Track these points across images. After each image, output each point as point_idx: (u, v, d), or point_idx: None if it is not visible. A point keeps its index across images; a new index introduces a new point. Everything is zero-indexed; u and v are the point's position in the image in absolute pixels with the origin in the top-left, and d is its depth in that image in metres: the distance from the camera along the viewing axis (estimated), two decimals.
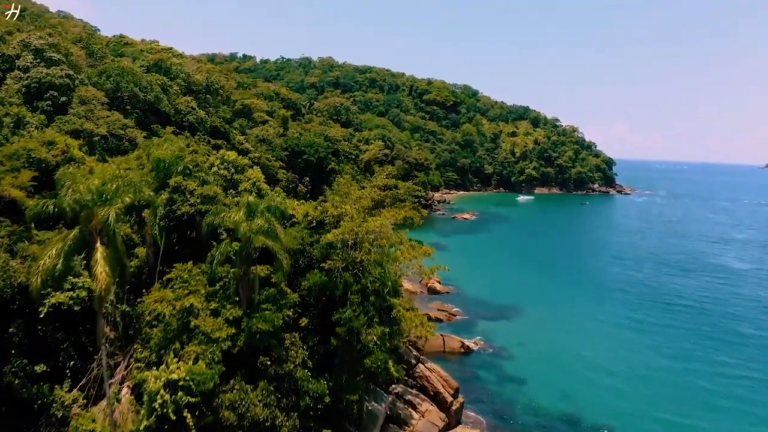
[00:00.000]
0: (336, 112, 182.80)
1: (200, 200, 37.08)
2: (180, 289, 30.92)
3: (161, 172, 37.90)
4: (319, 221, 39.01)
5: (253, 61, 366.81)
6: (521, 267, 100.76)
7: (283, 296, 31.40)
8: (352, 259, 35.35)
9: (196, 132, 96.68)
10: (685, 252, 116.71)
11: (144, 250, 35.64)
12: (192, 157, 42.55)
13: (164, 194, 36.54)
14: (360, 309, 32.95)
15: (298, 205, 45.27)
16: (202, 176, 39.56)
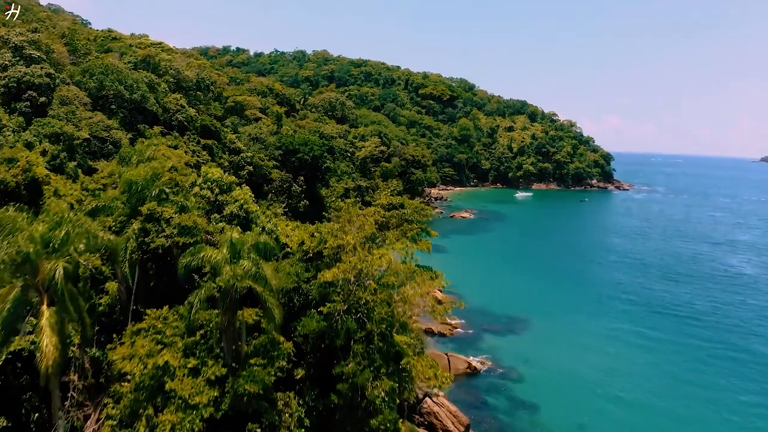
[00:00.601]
0: (331, 107, 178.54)
1: (177, 231, 32.27)
2: (153, 343, 26.58)
3: (133, 197, 33.22)
4: (316, 252, 34.80)
5: (246, 54, 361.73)
6: (523, 272, 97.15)
7: (275, 346, 27.17)
8: (355, 300, 30.73)
9: (186, 131, 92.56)
10: (692, 257, 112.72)
11: (115, 285, 31.28)
12: (171, 176, 38.19)
13: (136, 223, 31.92)
14: (365, 361, 28.50)
15: (292, 230, 40.99)
16: (180, 201, 34.36)
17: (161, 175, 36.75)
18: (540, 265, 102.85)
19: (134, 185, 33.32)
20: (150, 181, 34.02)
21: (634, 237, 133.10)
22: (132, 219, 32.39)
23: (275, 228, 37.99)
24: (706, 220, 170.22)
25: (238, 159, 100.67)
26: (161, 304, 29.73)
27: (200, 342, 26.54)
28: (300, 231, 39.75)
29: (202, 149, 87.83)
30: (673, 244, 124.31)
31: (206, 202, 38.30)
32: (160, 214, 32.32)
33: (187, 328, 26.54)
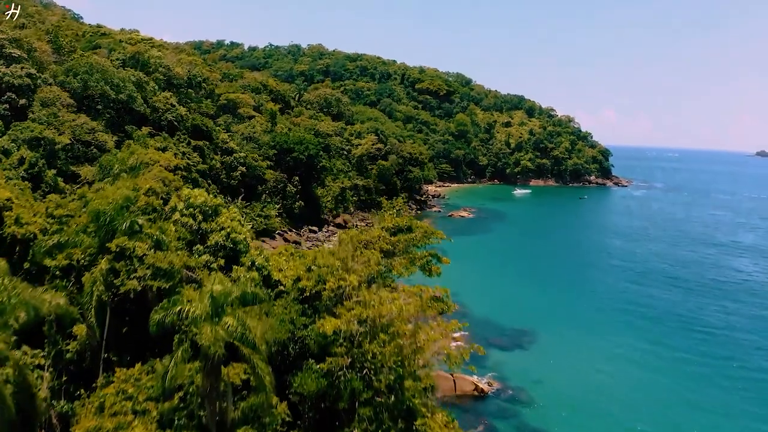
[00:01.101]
0: (327, 104, 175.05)
1: (151, 273, 27.57)
2: (122, 412, 22.82)
3: (102, 229, 28.76)
4: (314, 292, 30.75)
5: (240, 48, 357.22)
6: (525, 277, 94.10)
7: (268, 410, 23.58)
8: (360, 353, 26.46)
9: (176, 132, 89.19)
10: (697, 261, 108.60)
11: (84, 328, 27.32)
12: (147, 200, 34.43)
13: (103, 262, 27.44)
14: (372, 426, 24.62)
15: (286, 261, 37.29)
16: (156, 235, 29.43)
17: (137, 198, 33.01)
18: (542, 269, 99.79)
19: (102, 216, 28.66)
20: (121, 210, 29.65)
21: (636, 239, 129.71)
22: (101, 254, 28.07)
23: (266, 264, 34.30)
24: (707, 219, 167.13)
25: (231, 159, 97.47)
26: (136, 353, 26.05)
27: (179, 407, 23.03)
28: (295, 263, 35.89)
29: (192, 151, 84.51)
30: (676, 247, 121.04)
31: (188, 231, 33.82)
32: (132, 250, 27.91)
33: (163, 393, 22.97)
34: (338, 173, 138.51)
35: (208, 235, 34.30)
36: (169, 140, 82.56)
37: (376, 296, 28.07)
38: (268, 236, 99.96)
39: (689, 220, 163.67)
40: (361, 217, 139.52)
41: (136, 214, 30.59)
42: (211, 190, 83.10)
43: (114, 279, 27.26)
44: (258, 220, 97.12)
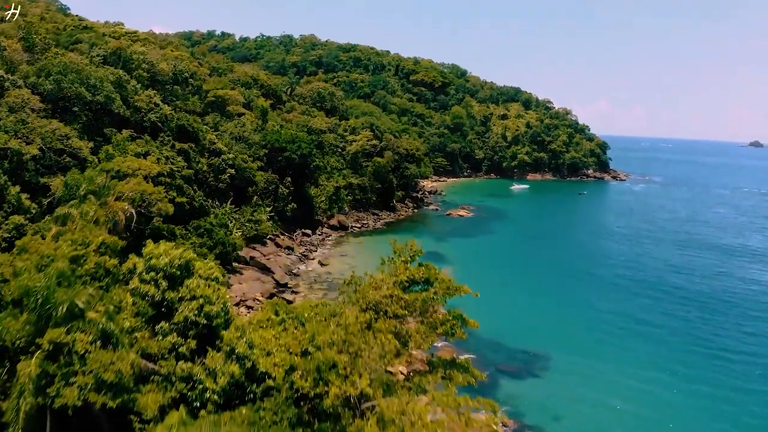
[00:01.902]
0: (320, 98, 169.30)
1: (94, 384, 20.65)
2: None
3: (33, 312, 21.40)
4: (315, 393, 24.01)
5: (231, 39, 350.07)
6: (531, 288, 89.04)
7: None
8: None
9: (160, 133, 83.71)
10: (710, 270, 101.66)
11: None
12: (98, 260, 26.75)
13: (32, 364, 20.39)
14: None
15: (275, 337, 28.14)
16: (102, 323, 21.77)
17: (85, 257, 26.20)
18: (548, 278, 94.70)
19: (33, 296, 21.36)
20: (56, 285, 21.97)
21: (641, 242, 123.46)
22: (33, 345, 21.05)
23: (249, 352, 26.13)
24: (711, 218, 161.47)
25: (219, 161, 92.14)
26: None
27: None
28: (287, 339, 28.25)
29: (177, 154, 79.05)
30: (684, 252, 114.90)
31: (149, 303, 25.96)
32: (70, 345, 21.15)
33: None
34: (332, 171, 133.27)
35: (176, 306, 26.46)
36: (151, 144, 77.09)
37: (401, 412, 22.03)
38: (258, 242, 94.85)
39: (693, 219, 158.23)
40: (356, 217, 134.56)
41: (83, 281, 24.05)
42: (197, 197, 77.89)
43: (48, 387, 20.44)
44: (248, 226, 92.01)
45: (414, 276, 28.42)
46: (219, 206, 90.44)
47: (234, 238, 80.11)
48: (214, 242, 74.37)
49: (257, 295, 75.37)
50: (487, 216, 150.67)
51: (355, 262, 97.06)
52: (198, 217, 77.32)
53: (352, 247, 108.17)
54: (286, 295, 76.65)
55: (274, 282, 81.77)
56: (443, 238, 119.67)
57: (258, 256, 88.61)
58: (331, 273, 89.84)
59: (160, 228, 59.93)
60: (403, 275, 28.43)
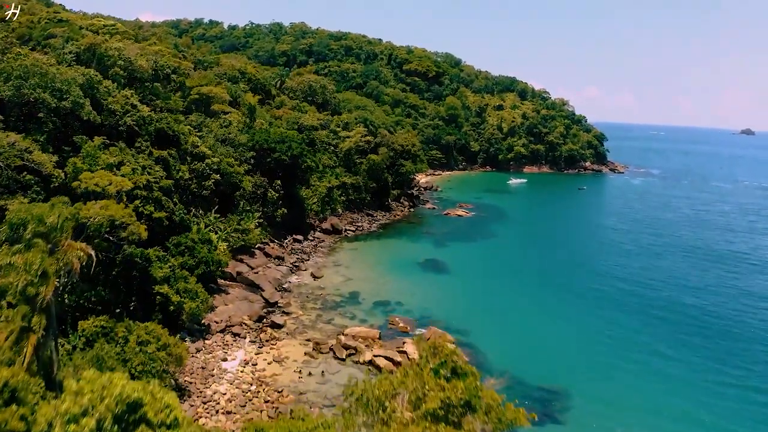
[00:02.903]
0: (311, 91, 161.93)
1: None
2: None
3: None
4: None
5: (220, 27, 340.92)
6: (542, 306, 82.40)
7: None
8: None
9: (137, 138, 76.55)
10: (728, 287, 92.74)
11: None
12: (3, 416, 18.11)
13: None
14: None
15: None
16: None
17: None
18: (556, 293, 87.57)
19: None
20: None
21: (652, 252, 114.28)
22: None
23: None
24: (719, 221, 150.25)
25: (202, 167, 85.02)
26: None
27: None
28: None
29: (155, 163, 71.98)
30: (696, 263, 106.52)
31: None
32: None
33: None
34: (324, 170, 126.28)
35: None
36: (126, 151, 69.96)
37: None
38: (246, 253, 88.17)
39: (699, 221, 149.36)
40: (349, 219, 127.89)
41: None
42: (177, 211, 70.93)
43: None
44: (234, 237, 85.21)
45: (450, 399, 19.39)
46: (203, 215, 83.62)
47: (219, 254, 73.32)
48: (196, 261, 67.66)
49: (244, 318, 68.87)
50: (487, 216, 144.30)
51: (350, 273, 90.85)
52: (179, 233, 70.53)
53: (346, 255, 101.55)
54: (276, 317, 70.11)
55: (263, 301, 75.14)
56: (442, 243, 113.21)
57: (245, 270, 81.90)
58: (324, 287, 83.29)
59: (133, 254, 53.12)
60: (435, 398, 19.26)
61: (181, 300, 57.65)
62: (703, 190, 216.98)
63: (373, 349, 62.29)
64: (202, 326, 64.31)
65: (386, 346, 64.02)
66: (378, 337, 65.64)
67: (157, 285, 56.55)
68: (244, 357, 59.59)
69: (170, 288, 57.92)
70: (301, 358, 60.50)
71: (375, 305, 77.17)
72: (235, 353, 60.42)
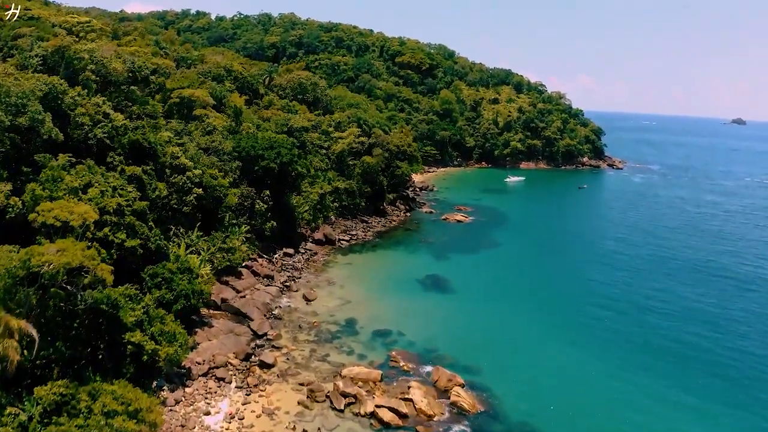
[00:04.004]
0: (301, 89, 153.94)
1: None
2: None
3: None
4: None
5: (207, 18, 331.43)
6: (555, 327, 75.90)
7: None
8: None
9: (109, 153, 68.90)
10: (753, 314, 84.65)
11: None
12: None
13: None
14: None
15: None
16: None
17: None
18: (569, 313, 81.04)
19: None
20: None
21: (666, 270, 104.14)
22: None
23: None
24: (727, 228, 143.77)
25: (183, 180, 77.37)
26: None
27: None
28: None
29: (128, 182, 64.37)
30: (713, 284, 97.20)
31: None
32: None
33: None
34: (316, 174, 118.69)
35: None
36: (95, 170, 62.36)
37: None
38: (232, 274, 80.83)
39: (708, 231, 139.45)
40: (343, 226, 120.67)
41: None
42: (153, 237, 63.36)
43: None
44: (219, 257, 77.84)
45: None
46: (184, 234, 76.11)
47: (201, 282, 65.85)
48: (175, 295, 60.22)
49: (230, 356, 61.62)
50: (487, 221, 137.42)
51: (346, 294, 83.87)
52: (155, 261, 63.06)
53: (340, 271, 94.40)
54: (265, 354, 62.89)
55: (251, 333, 67.93)
56: (442, 255, 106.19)
57: (231, 296, 74.60)
58: (317, 313, 76.13)
59: (97, 301, 45.69)
60: None
61: (157, 347, 50.31)
62: (706, 190, 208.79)
63: (375, 396, 55.27)
64: (182, 369, 57.08)
65: (389, 391, 57.00)
66: (380, 379, 58.68)
67: (129, 332, 49.15)
68: (229, 409, 52.41)
69: (144, 334, 50.54)
70: (294, 409, 53.39)
71: (374, 336, 70.12)
72: (219, 404, 53.24)
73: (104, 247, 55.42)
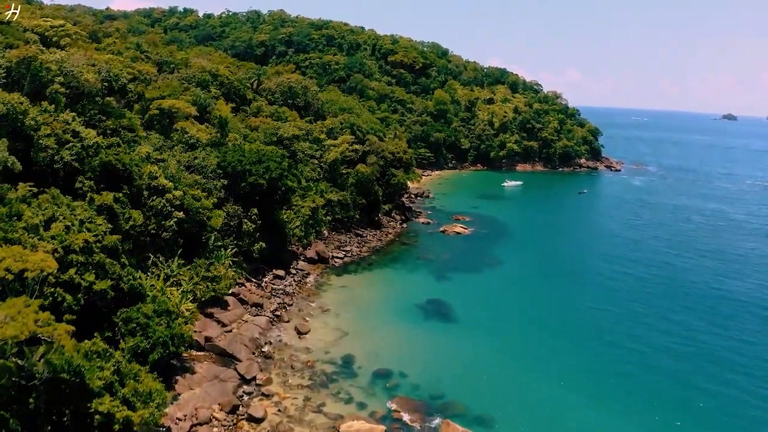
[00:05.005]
0: (291, 93, 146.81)
1: None
2: None
3: None
4: None
5: (195, 16, 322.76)
6: (572, 367, 69.36)
7: None
8: None
9: (78, 177, 61.92)
10: None
11: None
12: None
13: None
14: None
15: None
16: None
17: None
18: (590, 350, 73.95)
19: None
20: None
21: (684, 305, 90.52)
22: None
23: None
24: (737, 243, 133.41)
25: (162, 203, 70.32)
26: None
27: None
28: None
29: (97, 213, 57.36)
30: (743, 321, 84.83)
31: None
32: None
33: None
34: (308, 186, 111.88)
35: None
36: (61, 201, 55.38)
37: None
38: (218, 305, 73.93)
39: (718, 244, 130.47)
40: (337, 242, 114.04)
41: None
42: (126, 276, 56.31)
43: None
44: (202, 287, 70.98)
45: None
46: (164, 264, 69.20)
47: (181, 323, 58.92)
48: (151, 343, 53.33)
49: (215, 409, 54.86)
50: (487, 233, 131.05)
51: (342, 323, 77.27)
52: (130, 302, 56.07)
53: (335, 296, 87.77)
54: (254, 405, 56.18)
55: (238, 377, 61.12)
56: (443, 275, 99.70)
57: (216, 334, 67.76)
58: (311, 349, 69.43)
59: (56, 368, 38.79)
60: None
61: (129, 414, 43.44)
62: (709, 197, 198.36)
63: None
64: (160, 429, 50.32)
65: None
66: None
67: (96, 399, 42.28)
68: None
69: (114, 398, 43.66)
70: None
71: (374, 378, 63.49)
72: None
73: (70, 291, 48.83)
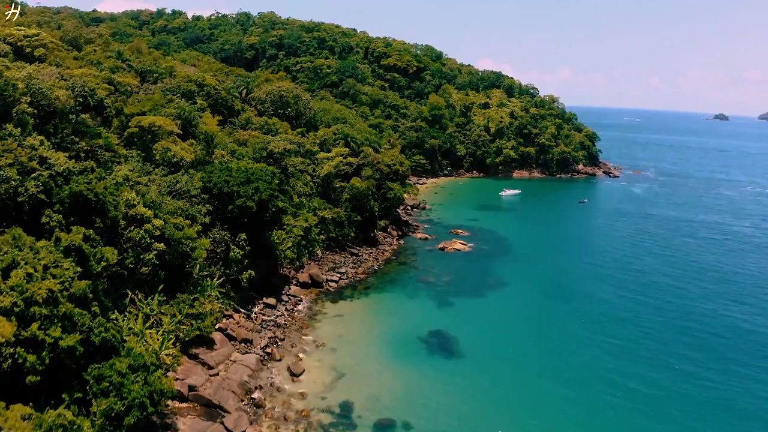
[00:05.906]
0: (282, 103, 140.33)
1: None
2: None
3: None
4: None
5: (183, 18, 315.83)
6: (589, 407, 63.91)
7: None
8: None
9: (45, 210, 55.47)
10: None
11: None
12: None
13: None
14: None
15: None
16: None
17: None
18: (606, 389, 68.65)
19: None
20: None
21: (699, 341, 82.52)
22: None
23: None
24: (747, 260, 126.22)
25: (140, 234, 63.93)
26: None
27: None
28: None
29: (64, 255, 50.83)
30: None
31: None
32: None
33: None
34: (300, 202, 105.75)
35: None
36: (23, 242, 48.96)
37: None
38: (203, 344, 67.63)
39: (724, 259, 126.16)
40: (331, 263, 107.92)
41: None
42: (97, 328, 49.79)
43: None
44: (186, 326, 64.69)
45: None
46: (143, 302, 62.86)
47: (161, 374, 52.49)
48: (126, 405, 46.90)
49: None
50: (488, 249, 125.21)
51: (338, 362, 71.16)
52: (102, 357, 49.63)
53: (330, 327, 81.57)
54: None
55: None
56: (445, 300, 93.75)
57: (201, 381, 61.31)
58: (305, 395, 63.21)
59: None
60: None
61: None
62: (712, 208, 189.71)
63: None
64: None
65: None
66: None
67: None
68: None
69: None
70: None
71: (376, 431, 57.42)
72: None
73: (32, 350, 42.63)
